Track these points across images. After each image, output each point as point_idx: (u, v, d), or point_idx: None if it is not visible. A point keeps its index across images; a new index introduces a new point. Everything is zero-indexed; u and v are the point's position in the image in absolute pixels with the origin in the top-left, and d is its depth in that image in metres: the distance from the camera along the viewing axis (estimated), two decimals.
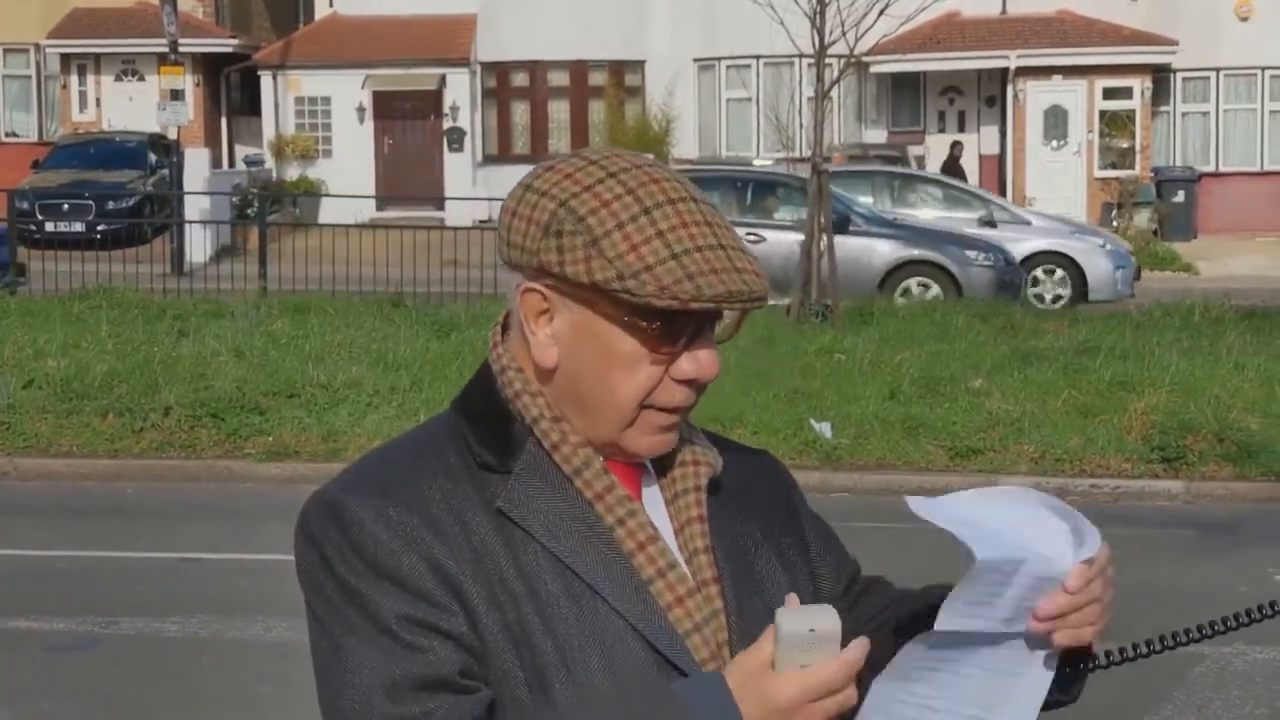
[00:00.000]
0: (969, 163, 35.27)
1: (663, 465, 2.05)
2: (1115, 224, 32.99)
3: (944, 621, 1.93)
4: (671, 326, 1.92)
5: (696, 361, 1.94)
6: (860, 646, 1.84)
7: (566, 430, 1.98)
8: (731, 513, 2.07)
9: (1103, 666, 2.09)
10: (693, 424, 2.10)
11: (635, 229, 1.91)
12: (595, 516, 1.95)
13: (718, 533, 2.03)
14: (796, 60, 32.34)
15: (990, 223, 24.19)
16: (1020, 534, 1.93)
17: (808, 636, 1.82)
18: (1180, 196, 34.64)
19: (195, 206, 29.77)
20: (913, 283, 21.59)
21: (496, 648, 1.89)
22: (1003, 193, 35.82)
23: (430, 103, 37.98)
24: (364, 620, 1.88)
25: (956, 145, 34.84)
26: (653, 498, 2.02)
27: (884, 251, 21.70)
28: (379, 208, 34.70)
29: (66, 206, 30.20)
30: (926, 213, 24.40)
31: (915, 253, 21.83)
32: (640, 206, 1.93)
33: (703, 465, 2.05)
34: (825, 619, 1.83)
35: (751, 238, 21.21)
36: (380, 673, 1.86)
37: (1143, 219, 33.78)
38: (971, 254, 21.88)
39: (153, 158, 34.17)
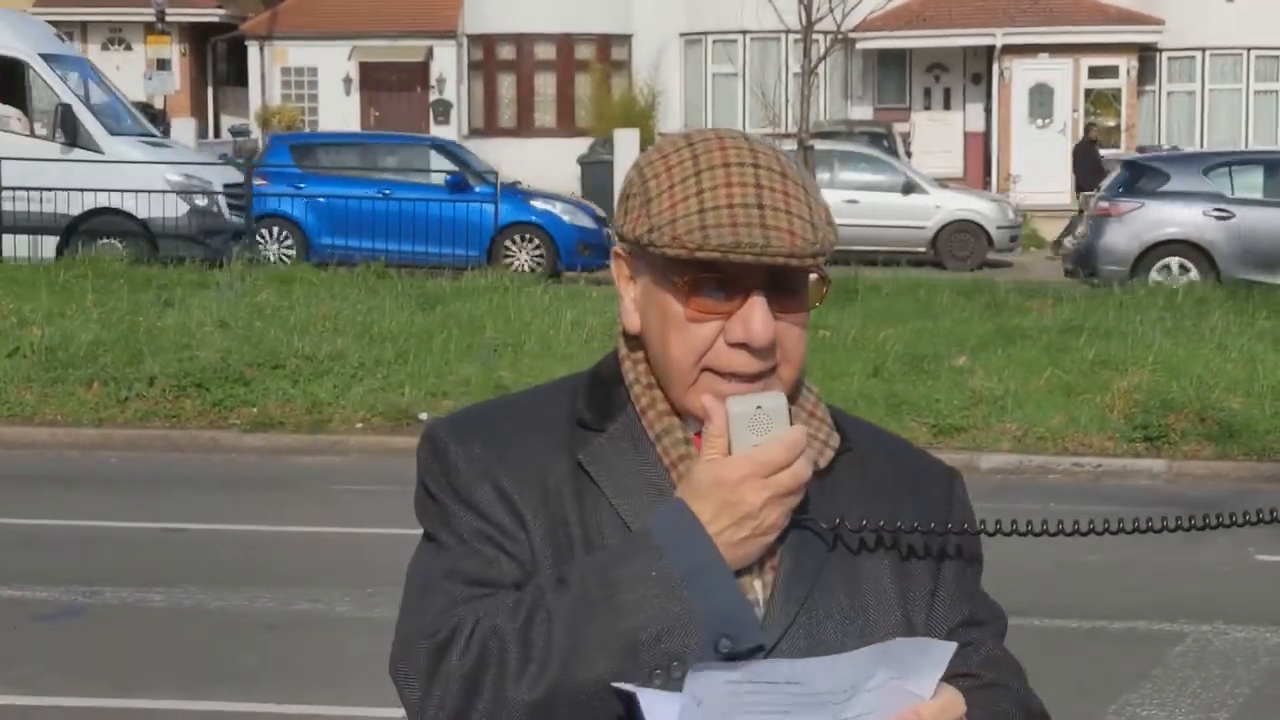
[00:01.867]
0: (953, 140, 35.21)
1: None
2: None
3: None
4: (711, 282, 1.94)
5: (745, 324, 1.93)
6: (800, 429, 1.91)
7: (656, 397, 2.03)
8: (845, 505, 2.02)
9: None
10: (825, 411, 2.08)
11: (681, 188, 1.95)
12: (671, 483, 1.98)
13: (797, 519, 1.97)
14: (783, 36, 32.32)
15: None
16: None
17: (755, 415, 1.90)
18: None
19: None
20: None
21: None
22: (987, 171, 35.90)
23: (417, 75, 37.93)
24: (446, 531, 2.02)
25: (1091, 127, 32.86)
26: None
27: None
28: None
29: None
30: None
31: None
32: (695, 168, 1.97)
33: None
34: (772, 399, 1.92)
35: None
36: (448, 564, 2.00)
37: None
38: None
39: None
